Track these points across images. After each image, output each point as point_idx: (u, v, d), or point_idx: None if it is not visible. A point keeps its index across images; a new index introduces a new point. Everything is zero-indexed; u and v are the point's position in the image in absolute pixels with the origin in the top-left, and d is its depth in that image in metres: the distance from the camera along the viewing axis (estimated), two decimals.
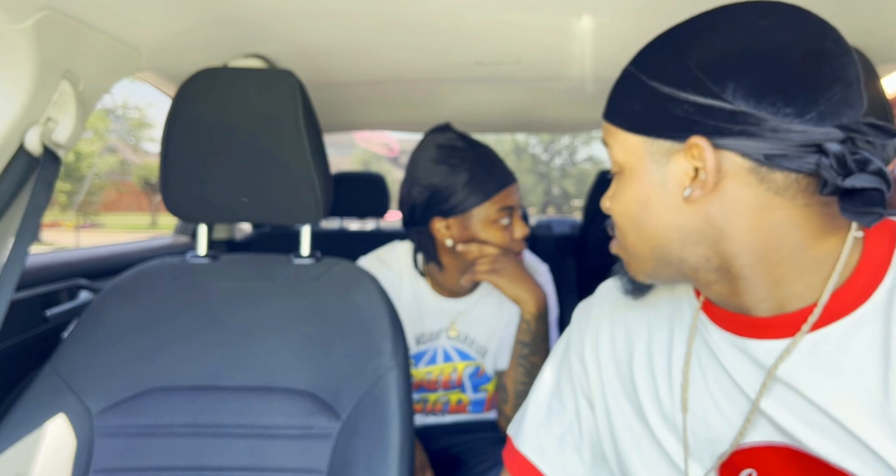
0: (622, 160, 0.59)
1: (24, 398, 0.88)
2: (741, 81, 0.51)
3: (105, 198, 18.88)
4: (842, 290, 0.53)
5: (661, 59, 0.56)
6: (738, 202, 0.53)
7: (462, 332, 1.32)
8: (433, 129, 1.28)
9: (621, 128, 0.58)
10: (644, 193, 0.57)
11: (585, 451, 0.72)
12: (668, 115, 0.54)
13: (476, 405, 1.35)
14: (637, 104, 0.57)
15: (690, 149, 0.53)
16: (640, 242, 0.60)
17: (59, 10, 0.75)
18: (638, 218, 0.59)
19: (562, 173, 27.40)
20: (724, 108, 0.51)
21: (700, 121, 0.52)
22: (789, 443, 0.55)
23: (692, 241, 0.56)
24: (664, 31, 0.58)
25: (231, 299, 0.97)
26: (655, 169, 0.56)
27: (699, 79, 0.52)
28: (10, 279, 0.76)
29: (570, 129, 2.41)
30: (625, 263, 0.65)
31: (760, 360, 0.57)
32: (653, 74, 0.55)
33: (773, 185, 0.52)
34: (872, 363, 0.51)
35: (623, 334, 0.70)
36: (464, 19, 0.99)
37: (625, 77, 0.59)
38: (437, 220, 1.24)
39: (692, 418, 0.62)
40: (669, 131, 0.54)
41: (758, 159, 0.51)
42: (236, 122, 0.94)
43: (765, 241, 0.53)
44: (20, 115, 0.75)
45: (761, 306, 0.56)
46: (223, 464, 0.86)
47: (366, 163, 24.59)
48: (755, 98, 0.51)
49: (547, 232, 2.45)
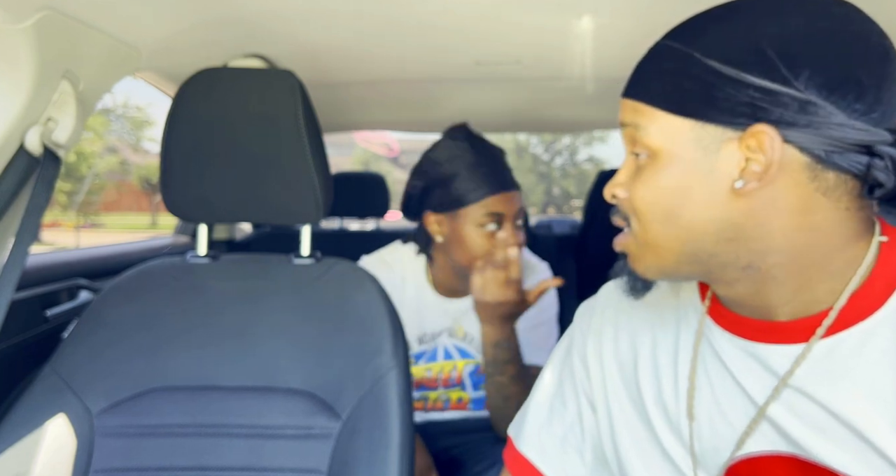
0: (658, 144, 0.54)
1: (24, 398, 0.88)
2: (816, 68, 0.47)
3: (105, 198, 18.88)
4: (858, 295, 0.52)
5: (724, 37, 0.51)
6: (784, 199, 0.50)
7: (465, 332, 1.33)
8: (450, 127, 1.29)
9: (662, 108, 0.53)
10: (685, 182, 0.53)
11: (587, 452, 0.72)
12: (728, 98, 0.49)
13: (477, 403, 1.35)
14: (687, 83, 0.51)
15: (751, 137, 0.49)
16: (668, 235, 0.55)
17: (59, 10, 0.75)
18: (672, 208, 0.54)
19: (562, 173, 27.39)
20: (795, 96, 0.48)
21: (766, 108, 0.48)
22: (796, 452, 0.54)
23: (727, 236, 0.52)
24: (717, 9, 0.54)
25: (231, 299, 0.97)
26: (703, 156, 0.52)
27: (772, 61, 0.48)
28: (10, 279, 0.76)
29: (570, 129, 2.41)
30: (633, 259, 0.60)
31: (772, 365, 0.55)
32: (711, 52, 0.51)
33: (824, 184, 0.50)
34: (888, 368, 0.50)
35: (627, 337, 0.69)
36: (464, 19, 0.99)
37: (667, 53, 0.54)
38: (429, 214, 1.25)
39: (696, 425, 0.60)
40: (728, 117, 0.50)
41: (817, 155, 0.48)
42: (236, 122, 0.94)
43: (802, 242, 0.51)
44: (20, 115, 0.75)
45: (782, 309, 0.54)
46: (223, 464, 0.86)
47: (366, 163, 24.58)
48: (828, 89, 0.47)
49: (547, 232, 2.45)
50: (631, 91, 0.57)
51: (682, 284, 0.67)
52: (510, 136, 20.30)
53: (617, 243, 0.61)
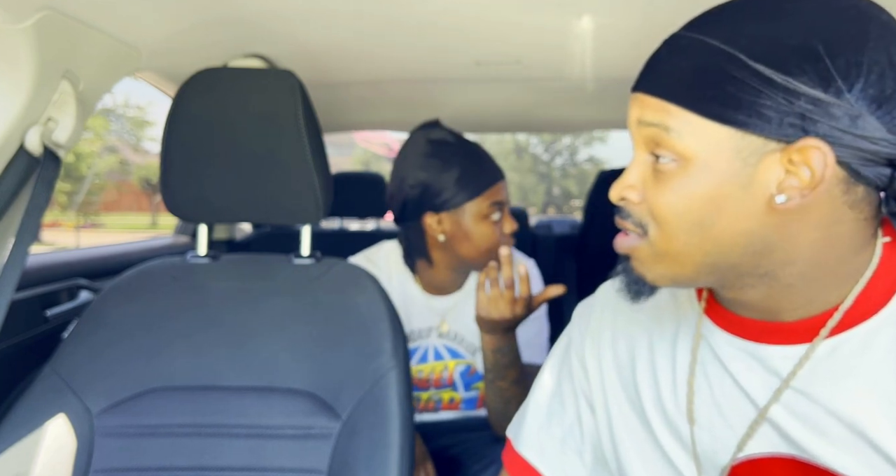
0: (692, 150, 0.49)
1: (24, 398, 0.88)
2: (870, 80, 0.45)
3: (105, 198, 18.87)
4: (862, 295, 0.52)
5: (772, 37, 0.46)
6: (817, 213, 0.48)
7: (452, 331, 1.32)
8: (421, 125, 1.29)
9: (699, 113, 0.48)
10: (719, 193, 0.49)
11: (587, 453, 0.71)
12: (777, 108, 0.46)
13: (468, 403, 1.35)
14: (731, 87, 0.47)
15: (797, 152, 0.46)
16: (693, 246, 0.51)
17: (59, 10, 0.75)
18: (702, 219, 0.50)
19: (562, 173, 27.37)
20: (847, 109, 0.45)
21: (818, 120, 0.45)
22: (797, 454, 0.54)
23: (755, 249, 0.50)
24: (755, 1, 0.49)
25: (231, 299, 0.97)
26: (741, 168, 0.48)
27: (826, 70, 0.45)
28: (10, 279, 0.76)
29: (570, 129, 2.41)
30: (642, 266, 0.56)
31: (774, 366, 0.54)
32: (757, 55, 0.46)
33: (853, 197, 0.48)
34: (891, 368, 0.49)
35: (625, 338, 0.69)
36: (464, 19, 0.99)
37: (702, 49, 0.49)
38: (428, 216, 1.24)
39: (697, 428, 0.60)
40: (776, 128, 0.46)
41: (855, 170, 0.47)
42: (236, 122, 0.94)
43: (825, 252, 0.50)
44: (20, 115, 0.75)
45: (793, 313, 0.54)
46: (223, 464, 0.86)
47: (366, 163, 24.57)
48: (878, 102, 0.45)
49: (547, 232, 2.45)
50: (655, 88, 0.51)
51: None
52: (510, 136, 20.29)
53: (620, 246, 0.57)
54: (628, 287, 0.58)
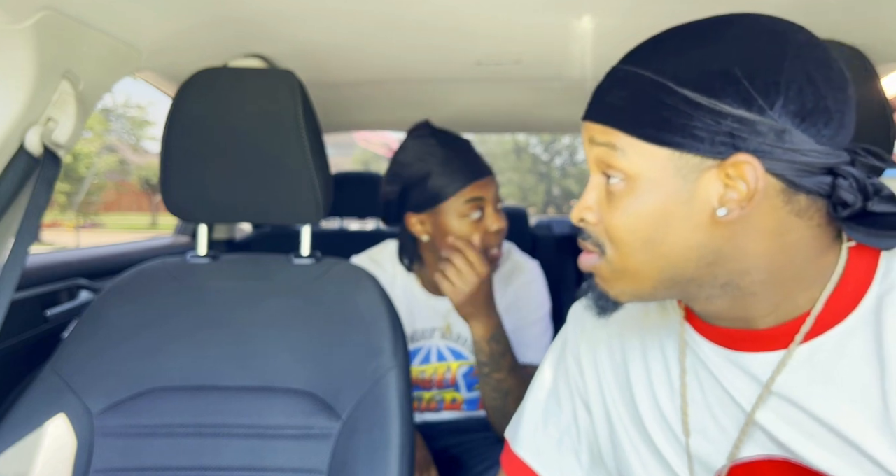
0: (638, 170, 0.53)
1: (24, 398, 0.88)
2: (790, 97, 0.48)
3: (105, 198, 18.87)
4: (832, 298, 0.53)
5: (695, 64, 0.50)
6: (761, 223, 0.51)
7: (455, 332, 1.32)
8: (412, 127, 1.29)
9: (644, 139, 0.52)
10: (665, 209, 0.52)
11: (584, 453, 0.72)
12: (706, 128, 0.49)
13: (470, 403, 1.35)
14: (665, 113, 0.51)
15: (731, 166, 0.49)
16: (647, 262, 0.54)
17: (59, 10, 0.75)
18: (652, 236, 0.53)
19: (562, 173, 27.37)
20: (771, 125, 0.48)
21: (745, 137, 0.49)
22: (787, 456, 0.54)
23: (707, 261, 0.53)
24: (681, 33, 0.53)
25: (231, 299, 0.97)
26: (682, 184, 0.51)
27: (747, 91, 0.48)
28: (10, 279, 0.76)
29: (570, 130, 2.40)
30: (605, 283, 0.58)
31: (755, 373, 0.56)
32: (684, 81, 0.50)
33: (797, 206, 0.51)
34: (867, 370, 0.50)
35: (618, 339, 0.69)
36: (464, 19, 0.99)
37: (636, 80, 0.53)
38: (411, 216, 1.25)
39: (692, 432, 0.61)
40: (708, 146, 0.49)
41: (791, 181, 0.49)
42: (236, 122, 0.94)
43: (779, 259, 0.52)
44: (20, 115, 0.75)
45: (764, 320, 0.55)
46: (223, 464, 0.86)
47: (366, 163, 24.56)
48: (801, 117, 0.48)
49: (547, 232, 2.45)
50: (600, 117, 0.55)
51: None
52: (509, 136, 20.29)
53: (583, 265, 0.59)
54: (595, 303, 0.61)
